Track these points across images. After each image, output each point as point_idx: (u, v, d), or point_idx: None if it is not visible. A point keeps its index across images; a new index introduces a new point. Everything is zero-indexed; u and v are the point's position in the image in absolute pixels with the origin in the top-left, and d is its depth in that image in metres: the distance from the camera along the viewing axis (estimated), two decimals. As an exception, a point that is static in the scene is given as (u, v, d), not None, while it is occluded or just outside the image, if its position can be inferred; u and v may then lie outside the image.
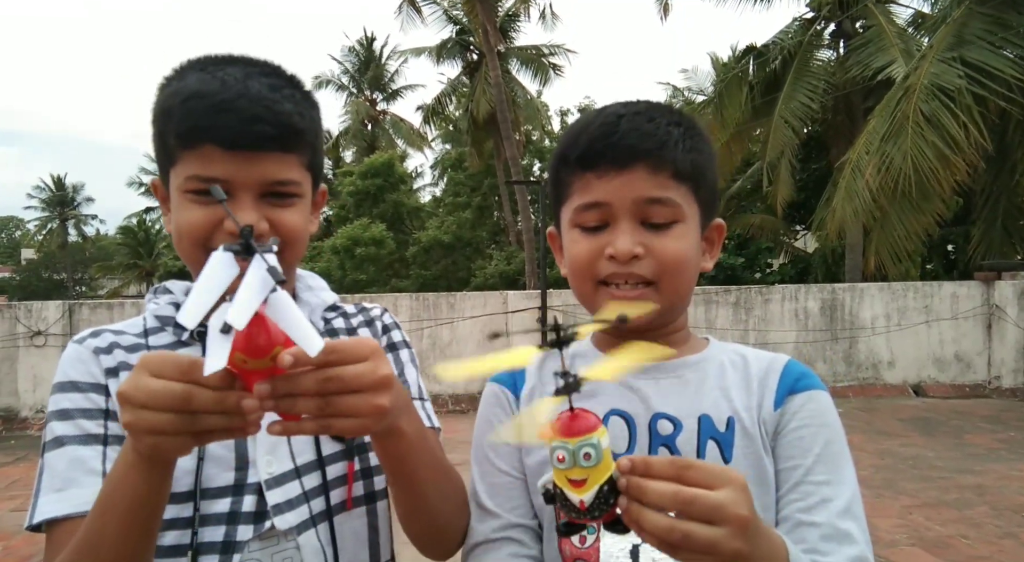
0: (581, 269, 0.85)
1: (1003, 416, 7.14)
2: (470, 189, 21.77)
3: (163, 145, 0.84)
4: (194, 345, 0.87)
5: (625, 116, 0.83)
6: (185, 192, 0.82)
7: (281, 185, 0.83)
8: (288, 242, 0.84)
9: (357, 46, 28.06)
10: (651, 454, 0.84)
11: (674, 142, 0.82)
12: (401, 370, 0.98)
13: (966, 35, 8.21)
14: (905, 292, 8.56)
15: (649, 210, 0.81)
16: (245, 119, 0.79)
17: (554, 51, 19.65)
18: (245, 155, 0.80)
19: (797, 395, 0.85)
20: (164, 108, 0.83)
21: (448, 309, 8.27)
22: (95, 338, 0.87)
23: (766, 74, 12.19)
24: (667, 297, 0.83)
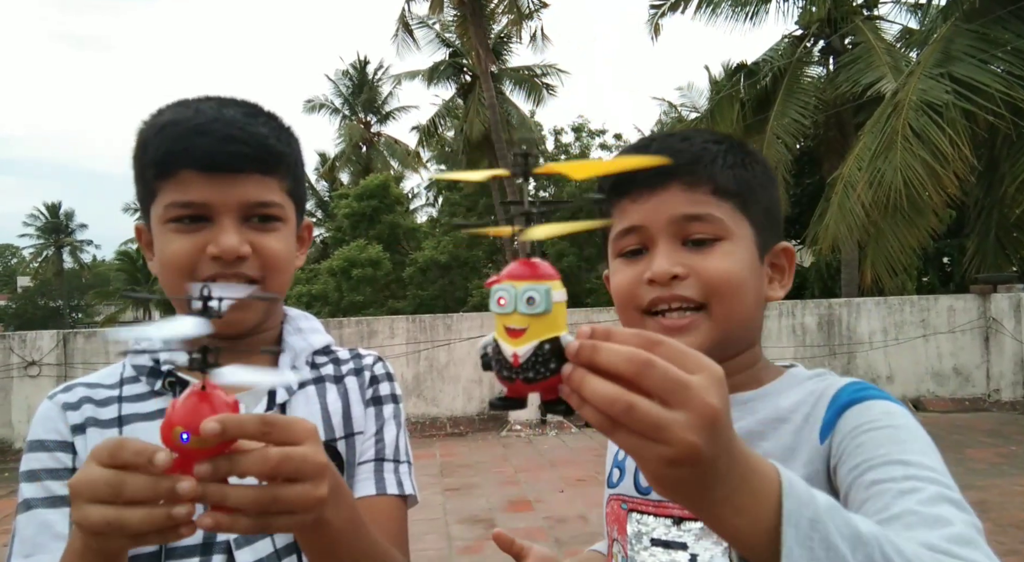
0: (624, 299, 0.80)
1: (1004, 430, 7.12)
2: (466, 209, 21.82)
3: (143, 182, 0.83)
4: (166, 395, 0.84)
5: (657, 139, 0.82)
6: (166, 222, 0.80)
7: (262, 207, 0.82)
8: (270, 268, 0.83)
9: (351, 69, 28.27)
10: None
11: (711, 158, 0.77)
12: (380, 427, 0.92)
13: (953, 51, 8.32)
14: (902, 306, 8.57)
15: (688, 227, 0.76)
16: (220, 140, 0.78)
17: (547, 71, 19.84)
18: (223, 177, 0.79)
19: (848, 410, 0.72)
20: (141, 143, 0.83)
21: (445, 330, 8.24)
22: (66, 393, 0.85)
23: (757, 91, 12.31)
24: (720, 323, 0.75)
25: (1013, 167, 8.76)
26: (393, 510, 0.88)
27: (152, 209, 0.83)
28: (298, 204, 0.89)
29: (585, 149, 23.08)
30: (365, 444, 0.91)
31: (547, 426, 7.87)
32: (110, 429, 0.82)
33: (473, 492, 5.61)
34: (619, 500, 0.85)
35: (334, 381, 0.93)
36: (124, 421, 0.82)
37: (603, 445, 1.07)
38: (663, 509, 0.80)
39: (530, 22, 17.72)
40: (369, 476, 0.88)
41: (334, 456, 0.86)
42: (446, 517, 5.02)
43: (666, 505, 0.79)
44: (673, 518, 0.79)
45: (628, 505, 0.84)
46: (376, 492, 0.87)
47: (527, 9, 17.24)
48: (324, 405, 0.89)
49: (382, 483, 0.88)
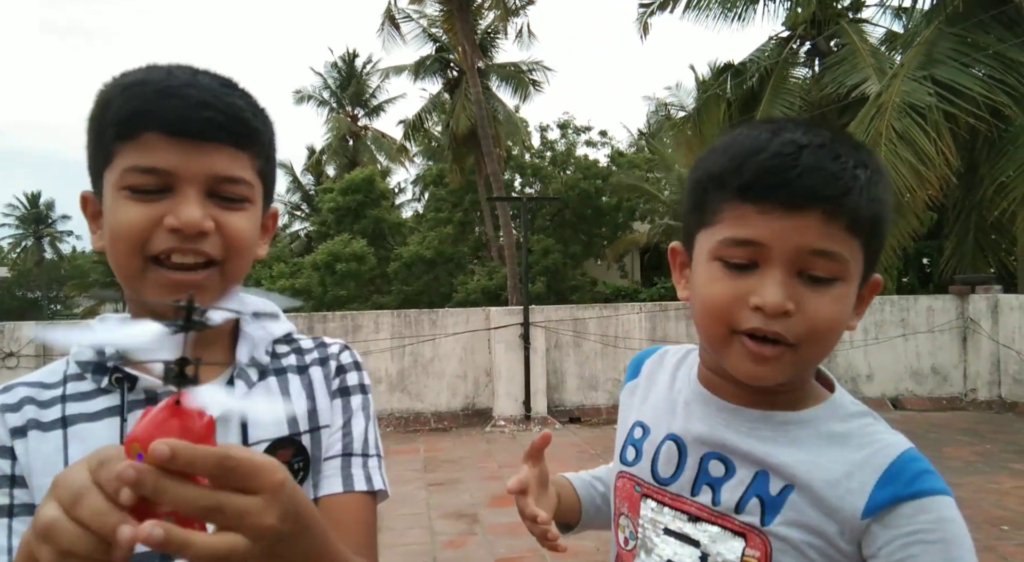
0: (717, 313, 0.73)
1: (979, 428, 7.24)
2: (451, 205, 21.76)
3: (98, 144, 0.75)
4: (113, 392, 0.77)
5: (808, 147, 0.69)
6: (121, 189, 0.72)
7: (230, 183, 0.75)
8: (233, 249, 0.76)
9: (339, 62, 28.10)
10: (694, 491, 0.79)
11: (859, 189, 0.69)
12: (348, 419, 0.87)
13: (936, 54, 8.43)
14: (882, 306, 8.68)
15: (811, 262, 0.69)
16: (192, 105, 0.71)
17: (533, 68, 19.82)
18: (192, 144, 0.72)
19: (906, 504, 0.69)
20: (102, 102, 0.75)
21: (430, 326, 8.23)
22: (5, 394, 0.79)
23: (743, 91, 12.39)
24: (803, 362, 0.73)
25: (992, 170, 8.89)
26: (361, 507, 0.84)
27: (106, 175, 0.74)
28: (267, 187, 0.82)
29: (571, 146, 23.09)
30: (332, 438, 0.86)
31: (531, 422, 7.89)
32: (53, 431, 0.76)
33: (457, 487, 5.62)
34: (632, 481, 0.86)
35: (297, 371, 0.87)
36: (68, 422, 0.76)
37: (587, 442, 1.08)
38: (679, 503, 0.80)
39: (516, 18, 17.70)
40: (336, 472, 0.84)
41: (299, 451, 0.82)
42: (430, 512, 5.02)
43: (683, 500, 0.80)
44: (689, 515, 0.79)
45: (642, 489, 0.84)
46: (343, 489, 0.83)
47: (513, 5, 17.21)
48: (287, 398, 0.85)
49: (349, 480, 0.84)
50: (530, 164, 22.21)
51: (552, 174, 21.75)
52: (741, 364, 0.73)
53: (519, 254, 14.50)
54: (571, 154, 22.58)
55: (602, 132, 23.83)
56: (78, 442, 0.75)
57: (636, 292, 18.81)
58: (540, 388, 8.01)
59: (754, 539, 0.74)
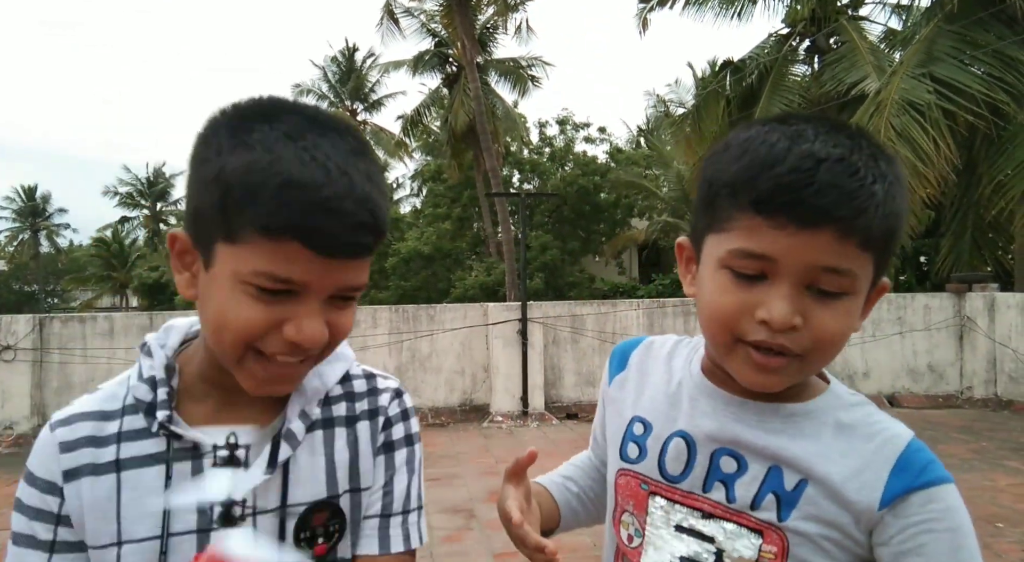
0: (723, 322, 0.73)
1: (975, 426, 7.26)
2: (450, 200, 21.76)
3: (225, 217, 0.69)
4: (158, 437, 0.78)
5: (826, 162, 0.67)
6: (246, 283, 0.69)
7: (353, 290, 0.74)
8: (333, 344, 0.76)
9: (339, 56, 28.02)
10: (705, 488, 0.79)
11: (875, 206, 0.67)
12: (390, 477, 0.86)
13: (935, 52, 8.42)
14: (879, 304, 8.67)
15: (820, 278, 0.69)
16: (349, 226, 0.68)
17: (532, 63, 19.79)
18: (335, 262, 0.69)
19: (916, 493, 0.72)
20: (243, 183, 0.67)
21: (428, 321, 8.23)
22: (65, 427, 0.79)
23: (743, 89, 12.38)
24: (808, 370, 0.74)
25: (991, 168, 8.90)
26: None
27: (224, 248, 0.70)
28: None
29: (570, 142, 23.08)
30: (372, 497, 0.85)
31: (528, 418, 7.90)
32: (106, 475, 0.77)
33: (454, 482, 5.62)
34: (638, 478, 0.85)
35: (345, 424, 0.85)
36: (121, 466, 0.77)
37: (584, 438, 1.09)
38: (691, 500, 0.80)
39: (515, 14, 17.66)
40: (373, 533, 0.84)
41: (335, 513, 0.81)
42: (427, 507, 5.01)
43: (695, 497, 0.79)
44: (702, 512, 0.79)
45: (650, 487, 0.83)
46: (380, 552, 0.83)
47: (513, 0, 17.17)
48: (330, 456, 0.83)
49: (386, 541, 0.83)
50: (528, 160, 22.20)
51: (550, 170, 21.74)
52: (745, 372, 0.74)
53: (517, 250, 14.50)
54: (570, 150, 22.57)
55: (601, 129, 23.83)
56: (129, 489, 0.77)
57: (634, 289, 18.82)
58: (537, 384, 8.03)
59: (771, 535, 0.75)
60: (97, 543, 0.76)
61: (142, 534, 0.75)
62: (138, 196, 39.44)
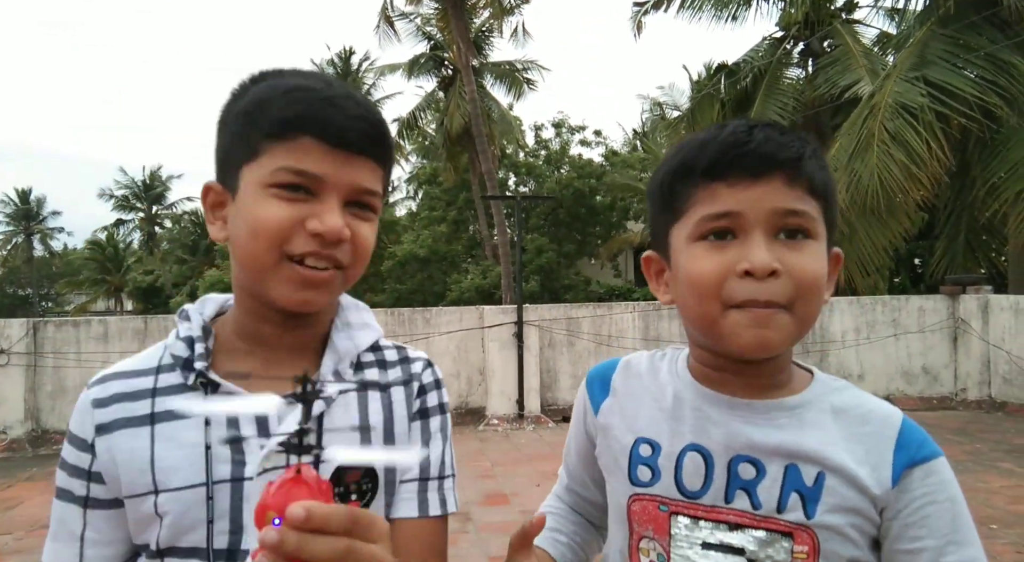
0: (708, 289, 0.75)
1: (969, 428, 7.28)
2: (445, 203, 21.75)
3: (243, 138, 0.77)
4: (199, 391, 0.80)
5: (757, 127, 0.77)
6: (268, 186, 0.75)
7: (368, 194, 0.79)
8: (359, 256, 0.80)
9: (336, 59, 28.02)
10: (728, 499, 0.79)
11: (810, 155, 0.76)
12: (426, 441, 0.89)
13: (928, 55, 8.47)
14: (874, 306, 8.72)
15: (786, 222, 0.74)
16: (352, 117, 0.76)
17: (528, 66, 19.83)
18: (343, 155, 0.76)
19: (917, 468, 0.76)
20: (258, 100, 0.77)
21: (424, 324, 8.23)
22: (100, 385, 0.83)
23: (737, 92, 12.43)
24: (800, 323, 0.75)
25: (984, 171, 8.95)
26: (435, 531, 0.86)
27: (247, 169, 0.77)
28: (383, 202, 0.87)
29: (565, 145, 23.11)
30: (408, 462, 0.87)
31: (524, 421, 7.90)
32: (142, 428, 0.79)
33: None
34: (655, 501, 0.82)
35: (379, 389, 0.88)
36: (156, 419, 0.79)
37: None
38: (716, 514, 0.79)
39: (511, 17, 17.69)
40: (412, 496, 0.85)
41: (367, 473, 0.82)
42: (422, 511, 5.01)
43: (720, 510, 0.78)
44: (729, 524, 0.78)
45: (670, 507, 0.81)
46: (419, 515, 0.85)
47: (508, 4, 17.20)
48: (364, 417, 0.84)
49: (425, 504, 0.86)
50: (524, 163, 22.22)
51: (546, 173, 21.76)
52: (743, 334, 0.74)
53: (513, 253, 14.49)
54: (565, 153, 22.60)
55: (596, 132, 23.88)
56: (164, 439, 0.78)
57: (630, 291, 18.84)
58: (533, 387, 8.02)
59: (801, 535, 0.76)
60: (132, 492, 0.77)
61: (178, 483, 0.76)
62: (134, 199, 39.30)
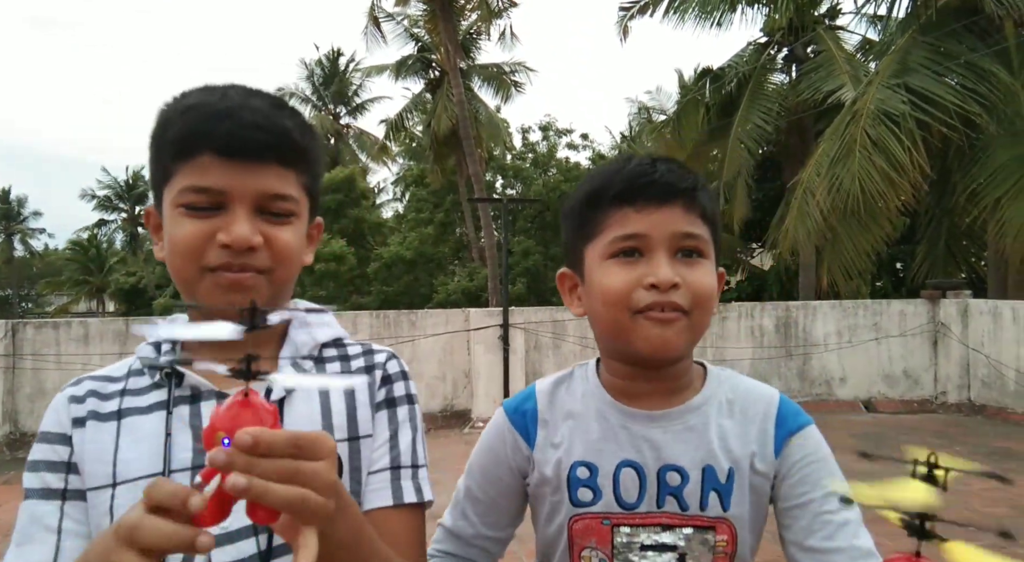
0: (617, 298, 0.87)
1: (949, 431, 7.37)
2: (432, 205, 21.71)
3: (159, 162, 0.81)
4: (164, 387, 0.83)
5: (659, 160, 0.90)
6: (177, 206, 0.78)
7: (278, 200, 0.80)
8: (280, 260, 0.81)
9: (324, 59, 27.90)
10: (659, 504, 0.90)
11: (702, 187, 0.89)
12: (395, 431, 0.89)
13: (910, 62, 8.58)
14: (855, 310, 8.81)
15: (684, 243, 0.87)
16: (243, 125, 0.77)
17: (515, 69, 19.84)
18: (243, 164, 0.77)
19: (794, 437, 0.91)
20: (162, 123, 0.81)
21: (409, 327, 8.21)
22: (75, 386, 0.85)
23: (722, 96, 12.51)
24: (696, 328, 0.88)
25: (964, 178, 9.08)
26: (411, 519, 0.86)
27: (165, 191, 0.81)
28: (312, 201, 0.88)
29: (552, 148, 23.16)
30: (379, 451, 0.87)
31: (509, 423, 7.91)
32: (108, 422, 0.82)
33: (434, 489, 5.60)
34: (598, 518, 0.91)
35: (340, 379, 0.89)
36: (123, 414, 0.83)
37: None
38: (651, 519, 0.90)
39: (499, 20, 17.71)
40: (385, 485, 0.85)
41: None
42: (406, 514, 4.99)
43: (654, 515, 0.90)
44: (662, 526, 0.89)
45: (612, 521, 0.90)
46: (393, 503, 0.84)
47: (496, 7, 17.22)
48: (326, 404, 0.86)
49: (399, 492, 0.85)
50: (512, 166, 22.24)
51: (533, 176, 21.79)
52: (648, 335, 0.85)
53: (500, 255, 14.49)
54: (552, 156, 22.65)
55: (583, 135, 23.98)
56: (128, 432, 0.81)
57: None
58: (519, 389, 8.01)
59: (722, 526, 0.89)
60: (94, 484, 0.79)
61: (136, 473, 0.78)
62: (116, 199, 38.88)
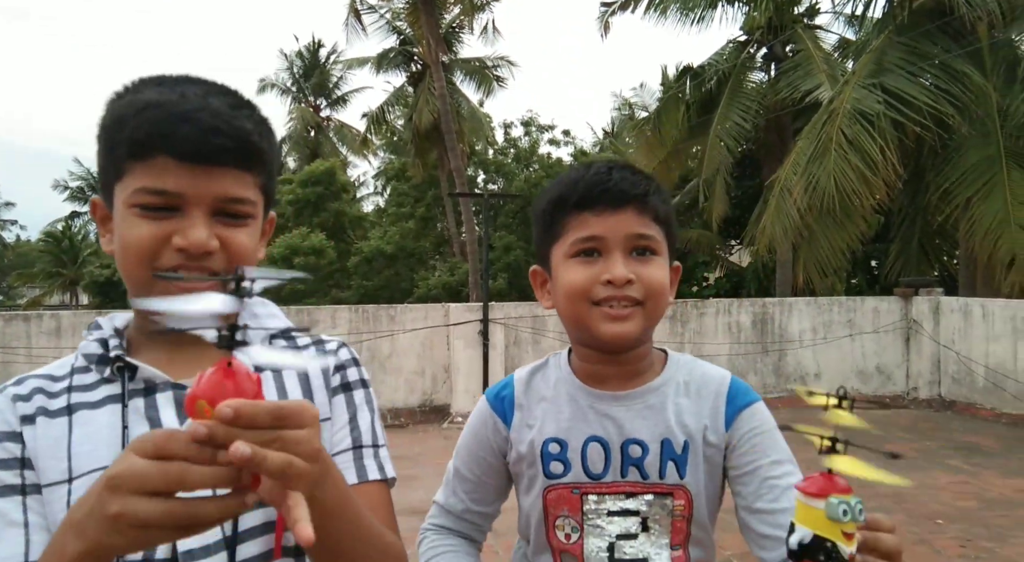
0: (579, 293, 0.97)
1: (920, 426, 7.52)
2: (414, 199, 21.60)
3: (110, 158, 0.79)
4: (115, 381, 0.82)
5: (614, 168, 1.00)
6: (132, 206, 0.77)
7: (235, 203, 0.80)
8: (235, 263, 0.81)
9: (304, 51, 27.59)
10: (623, 474, 1.00)
11: (653, 192, 0.99)
12: (353, 414, 0.92)
13: (885, 63, 8.70)
14: (830, 306, 8.94)
15: (637, 243, 0.97)
16: (204, 130, 0.76)
17: (498, 64, 19.79)
18: (201, 169, 0.77)
19: (743, 412, 1.01)
20: (116, 118, 0.79)
21: (388, 321, 8.19)
22: (17, 386, 0.84)
23: (702, 94, 12.59)
24: (650, 318, 0.98)
25: (937, 177, 9.24)
26: (379, 495, 0.88)
27: (117, 188, 0.79)
28: (268, 198, 0.88)
29: (534, 144, 23.16)
30: (339, 433, 0.89)
31: (489, 418, 7.93)
32: (59, 418, 0.81)
33: (412, 484, 5.61)
34: (568, 488, 1.02)
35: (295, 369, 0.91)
36: (73, 409, 0.81)
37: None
38: (616, 488, 1.00)
39: (481, 14, 17.65)
40: (349, 465, 0.88)
41: None
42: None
43: (618, 484, 1.01)
44: (626, 493, 1.00)
45: (581, 490, 1.01)
46: (359, 480, 0.87)
47: (479, 0, 17.16)
48: (282, 388, 0.88)
49: (363, 470, 0.88)
50: (493, 161, 22.20)
51: (515, 171, 21.77)
52: (605, 326, 0.97)
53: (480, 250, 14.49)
54: (534, 152, 22.64)
55: (565, 131, 23.96)
56: (81, 426, 0.80)
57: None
58: (498, 384, 8.04)
59: (679, 492, 1.00)
60: (48, 481, 0.77)
61: (92, 466, 0.77)
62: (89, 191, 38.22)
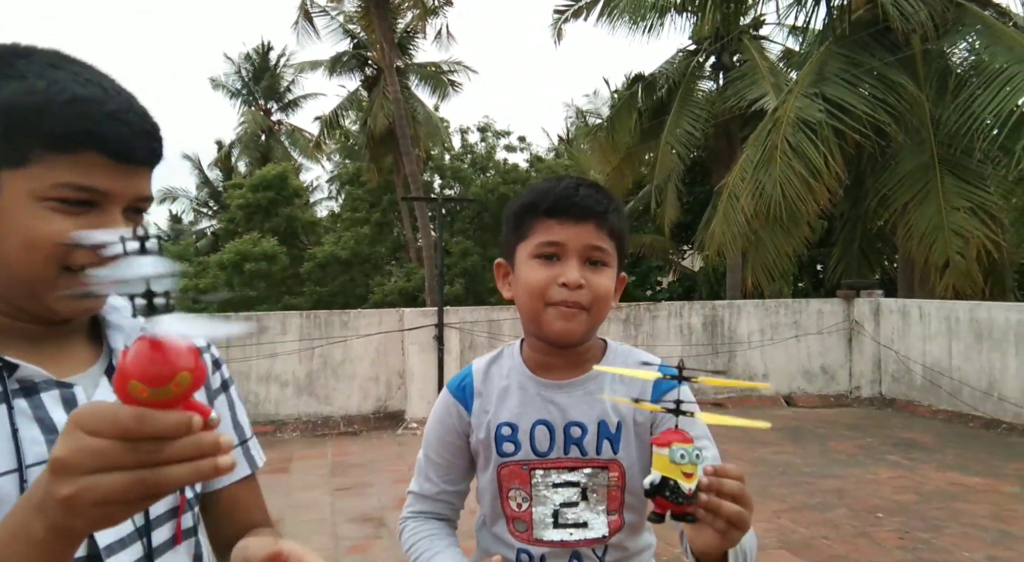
0: (536, 292, 1.11)
1: (862, 424, 7.78)
2: (369, 204, 21.39)
3: (16, 142, 0.73)
4: None
5: (582, 185, 1.13)
6: (46, 199, 0.73)
7: (145, 201, 0.82)
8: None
9: (253, 54, 27.09)
10: (565, 452, 1.16)
11: (612, 210, 1.13)
12: (235, 412, 1.01)
13: (826, 72, 8.99)
14: (777, 308, 9.19)
15: (592, 254, 1.10)
16: (138, 132, 0.77)
17: (454, 69, 19.76)
18: (129, 169, 0.77)
19: (667, 394, 1.07)
20: (33, 104, 0.73)
21: (341, 327, 8.08)
22: None
23: (654, 101, 12.82)
24: (593, 320, 1.12)
25: (876, 183, 9.58)
26: (257, 484, 1.02)
27: (13, 175, 0.74)
28: None
29: (491, 150, 23.20)
30: (228, 431, 0.98)
31: (443, 424, 7.88)
32: None
33: (365, 491, 5.55)
34: (518, 464, 1.16)
35: None
36: None
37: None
38: (560, 463, 1.15)
39: (435, 19, 17.63)
40: (242, 459, 0.99)
41: None
42: (334, 517, 4.94)
43: (562, 460, 1.15)
44: (568, 467, 1.14)
45: (529, 466, 1.16)
46: (251, 472, 1.00)
47: (432, 4, 17.15)
48: None
49: (252, 461, 1.01)
50: (450, 166, 22.16)
51: (471, 177, 21.77)
52: (555, 324, 1.10)
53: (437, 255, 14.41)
54: (491, 157, 22.68)
55: (520, 137, 24.08)
56: None
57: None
58: (453, 390, 8.01)
59: (613, 466, 1.14)
60: None
61: None
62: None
